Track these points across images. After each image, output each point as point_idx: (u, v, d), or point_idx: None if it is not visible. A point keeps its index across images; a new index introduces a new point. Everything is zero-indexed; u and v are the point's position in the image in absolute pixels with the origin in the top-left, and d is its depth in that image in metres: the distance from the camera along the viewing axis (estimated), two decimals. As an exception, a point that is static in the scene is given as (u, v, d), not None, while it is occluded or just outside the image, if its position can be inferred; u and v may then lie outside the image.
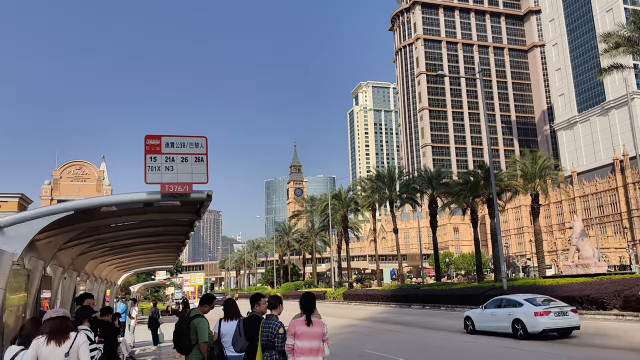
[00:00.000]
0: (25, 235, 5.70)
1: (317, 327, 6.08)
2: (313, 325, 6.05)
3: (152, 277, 63.84)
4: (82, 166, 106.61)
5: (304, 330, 6.00)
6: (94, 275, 13.06)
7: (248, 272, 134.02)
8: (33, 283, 7.09)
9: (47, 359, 4.76)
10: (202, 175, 6.34)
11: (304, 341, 5.96)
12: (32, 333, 5.46)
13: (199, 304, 7.75)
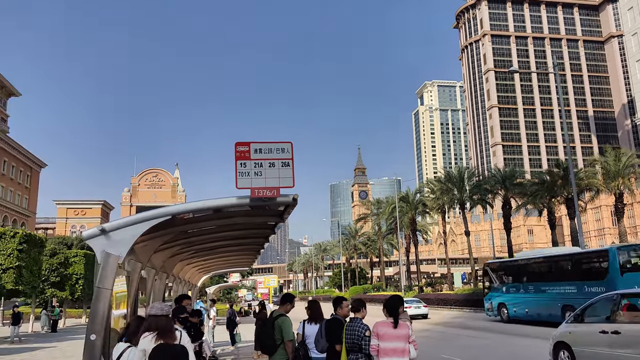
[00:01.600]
0: (128, 239, 6.07)
1: (402, 328, 6.16)
2: (399, 327, 6.15)
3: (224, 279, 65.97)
4: (158, 173, 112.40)
5: (388, 331, 6.12)
6: (179, 277, 13.70)
7: (315, 274, 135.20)
8: (132, 284, 7.55)
9: None
10: (289, 179, 6.50)
11: (387, 342, 6.07)
12: (136, 330, 5.79)
13: (281, 304, 7.91)
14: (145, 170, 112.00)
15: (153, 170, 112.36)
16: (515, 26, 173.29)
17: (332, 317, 7.09)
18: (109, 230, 6.04)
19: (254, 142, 6.54)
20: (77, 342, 25.25)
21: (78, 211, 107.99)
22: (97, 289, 5.72)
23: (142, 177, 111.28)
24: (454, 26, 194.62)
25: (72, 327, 39.12)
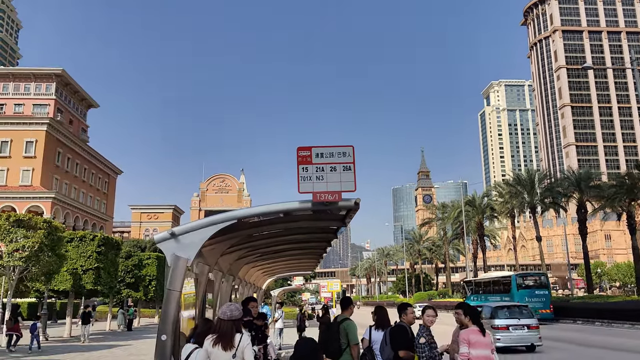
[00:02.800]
0: (196, 242, 6.26)
1: (488, 336, 6.21)
2: (486, 335, 6.18)
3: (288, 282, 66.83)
4: (224, 179, 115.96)
5: (479, 339, 6.12)
6: (245, 280, 14.01)
7: (378, 280, 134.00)
8: (200, 286, 7.79)
9: (216, 358, 5.14)
10: (350, 183, 6.46)
11: (478, 350, 6.06)
12: (203, 332, 5.96)
13: (342, 308, 7.90)
14: (213, 175, 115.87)
15: (220, 176, 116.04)
16: (588, 21, 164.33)
17: (397, 324, 6.98)
18: (179, 234, 6.26)
19: (316, 146, 6.56)
20: (150, 341, 26.45)
21: (151, 215, 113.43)
22: (168, 290, 5.94)
23: (210, 183, 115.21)
24: (522, 23, 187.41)
25: (145, 326, 41.06)
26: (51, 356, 19.50)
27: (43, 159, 69.29)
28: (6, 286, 26.80)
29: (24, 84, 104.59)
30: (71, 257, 28.65)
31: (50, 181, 71.05)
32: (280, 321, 20.46)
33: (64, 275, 28.19)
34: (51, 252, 23.98)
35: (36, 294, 33.75)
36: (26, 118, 72.39)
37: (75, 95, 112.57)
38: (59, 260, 25.23)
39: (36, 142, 69.41)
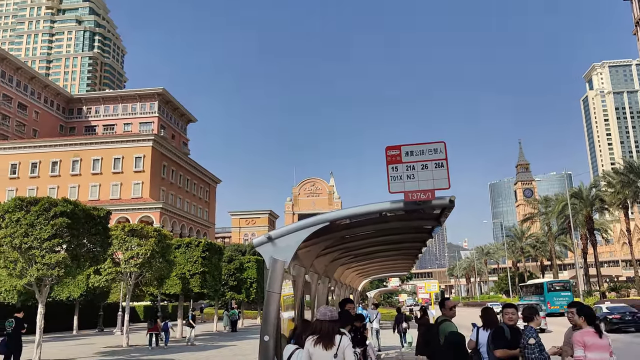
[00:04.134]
0: (292, 245, 6.43)
1: (605, 338, 5.84)
2: (603, 337, 5.82)
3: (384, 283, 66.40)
4: (315, 182, 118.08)
5: (595, 341, 5.76)
6: (340, 281, 14.14)
7: (479, 279, 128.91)
8: (298, 288, 7.98)
9: (317, 358, 5.23)
10: (444, 180, 6.28)
11: (595, 352, 5.72)
12: (303, 332, 6.09)
13: (441, 308, 7.74)
14: (304, 180, 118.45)
15: (311, 180, 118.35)
16: None
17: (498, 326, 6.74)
18: (275, 237, 6.46)
19: (405, 144, 6.46)
20: (253, 341, 27.54)
21: (249, 220, 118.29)
22: (268, 292, 6.15)
23: (301, 187, 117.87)
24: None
25: (249, 327, 42.83)
26: (171, 355, 20.98)
27: (150, 172, 74.92)
28: (124, 291, 29.34)
29: (130, 105, 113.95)
30: (179, 262, 30.68)
31: (157, 193, 76.63)
32: (376, 322, 20.39)
33: (173, 279, 30.26)
34: (162, 258, 25.83)
35: (150, 298, 36.54)
36: (134, 136, 78.73)
37: (176, 111, 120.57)
38: (169, 266, 27.09)
39: (144, 157, 75.20)
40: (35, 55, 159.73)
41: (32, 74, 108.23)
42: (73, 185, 74.49)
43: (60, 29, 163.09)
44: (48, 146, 77.19)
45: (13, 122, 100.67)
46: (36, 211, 18.24)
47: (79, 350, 24.00)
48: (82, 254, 19.72)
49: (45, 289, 19.34)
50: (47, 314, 20.31)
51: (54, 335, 35.30)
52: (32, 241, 17.91)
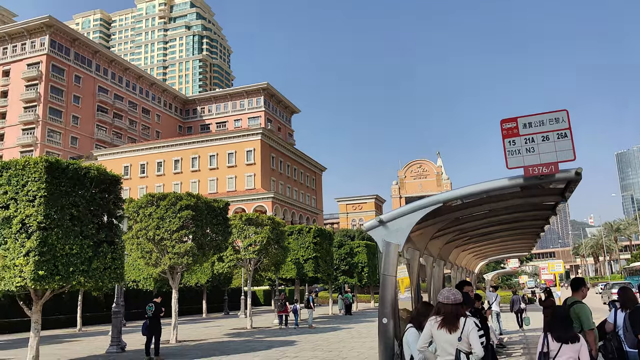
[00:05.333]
0: (404, 228, 6.35)
1: None
2: None
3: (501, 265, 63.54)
4: (421, 164, 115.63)
5: None
6: (456, 264, 13.76)
7: (608, 258, 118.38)
8: (413, 271, 7.90)
9: (441, 340, 5.13)
10: (568, 152, 5.80)
11: None
12: (422, 314, 6.01)
13: (573, 290, 7.18)
14: (410, 162, 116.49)
15: (417, 162, 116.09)
16: None
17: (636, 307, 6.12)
18: (386, 220, 6.43)
19: (522, 116, 6.06)
20: (368, 324, 27.86)
21: (355, 206, 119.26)
22: (383, 275, 6.15)
23: (407, 170, 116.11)
24: None
25: (363, 311, 43.39)
26: (292, 337, 21.97)
27: (261, 164, 78.46)
28: (245, 276, 31.19)
29: (239, 101, 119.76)
30: (293, 248, 31.89)
31: (268, 183, 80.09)
32: (495, 305, 19.58)
33: (289, 264, 31.55)
34: (277, 244, 27.02)
35: (269, 282, 38.44)
36: (244, 131, 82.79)
37: (280, 104, 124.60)
38: (284, 252, 28.27)
39: (254, 150, 78.89)
40: (152, 63, 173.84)
41: (152, 81, 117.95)
42: (194, 181, 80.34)
43: (173, 36, 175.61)
44: (170, 146, 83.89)
45: (139, 126, 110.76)
46: (165, 205, 19.94)
47: (209, 331, 25.99)
48: (206, 243, 21.24)
49: (177, 276, 21.16)
50: (179, 298, 22.22)
51: (186, 318, 38.57)
52: (163, 233, 19.64)
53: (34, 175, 13.74)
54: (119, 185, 16.48)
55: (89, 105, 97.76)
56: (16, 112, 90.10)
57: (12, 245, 13.35)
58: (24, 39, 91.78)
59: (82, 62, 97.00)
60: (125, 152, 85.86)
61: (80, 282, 14.40)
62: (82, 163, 15.77)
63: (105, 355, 17.15)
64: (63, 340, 23.37)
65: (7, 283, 13.15)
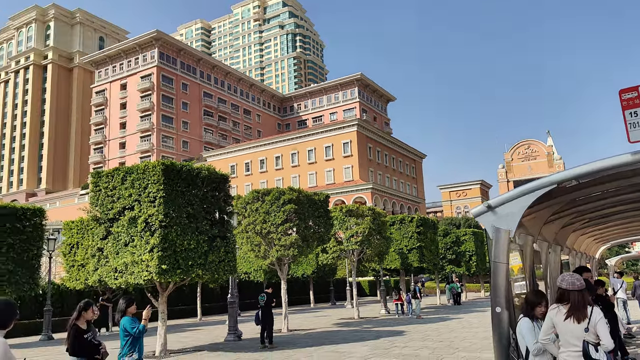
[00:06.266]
0: (515, 212, 6.02)
1: None
2: None
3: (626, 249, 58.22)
4: (530, 145, 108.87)
5: None
6: (574, 249, 12.81)
7: None
8: (526, 258, 7.47)
9: (565, 331, 4.80)
10: (703, 120, 5.15)
11: None
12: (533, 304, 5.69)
13: None
14: (517, 143, 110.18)
15: (524, 143, 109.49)
16: None
17: None
18: (495, 205, 6.14)
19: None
20: (479, 314, 26.91)
21: (459, 193, 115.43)
22: (494, 263, 5.90)
23: (514, 152, 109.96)
24: None
25: (473, 301, 42.00)
26: (400, 327, 21.94)
27: (358, 156, 78.72)
28: (349, 267, 31.57)
29: (333, 95, 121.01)
30: (395, 238, 31.66)
31: (367, 174, 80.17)
32: (621, 292, 17.96)
33: (392, 255, 31.39)
34: (379, 235, 27.00)
35: (373, 273, 38.56)
36: (340, 123, 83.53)
37: (375, 93, 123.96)
38: (386, 242, 28.17)
39: (350, 142, 79.33)
40: (250, 65, 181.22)
41: (251, 82, 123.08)
42: (294, 175, 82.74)
43: (268, 37, 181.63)
44: (270, 144, 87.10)
45: (242, 126, 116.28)
46: (269, 200, 20.78)
47: (318, 321, 26.70)
48: (309, 235, 21.81)
49: (284, 267, 21.98)
50: (287, 289, 23.07)
51: (295, 308, 39.95)
52: (269, 226, 20.49)
53: (153, 178, 14.99)
54: (227, 184, 17.46)
55: (196, 110, 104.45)
56: (134, 121, 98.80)
57: (139, 242, 14.70)
58: (136, 53, 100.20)
59: (187, 70, 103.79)
60: (230, 152, 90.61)
61: (199, 274, 15.49)
62: (194, 165, 16.91)
63: (225, 343, 18.30)
64: (186, 329, 25.32)
65: (137, 277, 14.51)
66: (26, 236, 20.84)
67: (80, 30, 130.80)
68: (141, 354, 7.37)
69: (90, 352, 7.14)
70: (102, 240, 15.51)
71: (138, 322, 7.33)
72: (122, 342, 7.35)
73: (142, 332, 7.27)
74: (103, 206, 15.61)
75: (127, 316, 7.35)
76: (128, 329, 7.23)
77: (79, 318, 7.21)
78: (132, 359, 7.27)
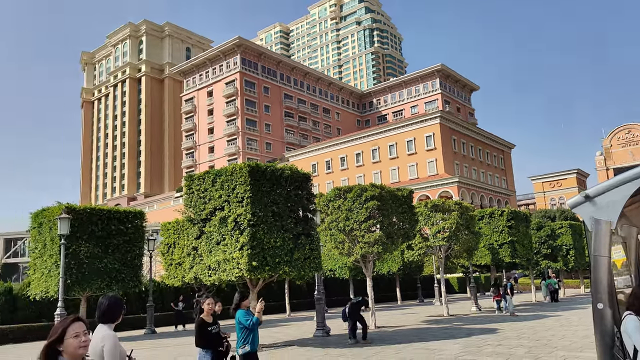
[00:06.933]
0: (617, 202, 5.58)
1: None
2: None
3: None
4: (630, 129, 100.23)
5: None
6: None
7: None
8: (630, 250, 6.90)
9: None
10: None
11: None
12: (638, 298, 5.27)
13: None
14: (616, 128, 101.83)
15: (625, 127, 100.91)
16: None
17: None
18: (593, 195, 5.73)
19: None
20: (579, 311, 25.23)
21: (553, 183, 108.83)
22: (594, 257, 5.51)
23: (613, 137, 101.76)
24: None
25: (572, 297, 39.46)
26: (494, 324, 21.15)
27: (442, 149, 76.72)
28: (437, 264, 30.88)
29: (414, 87, 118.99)
30: (485, 233, 30.49)
31: (452, 167, 77.90)
32: None
33: (482, 250, 30.27)
34: (467, 230, 26.14)
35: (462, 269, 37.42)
36: (421, 116, 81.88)
37: (457, 84, 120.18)
38: (475, 238, 27.21)
39: (433, 135, 77.48)
40: (328, 64, 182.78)
41: (330, 81, 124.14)
42: (375, 172, 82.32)
43: (345, 34, 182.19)
44: (350, 141, 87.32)
45: (321, 125, 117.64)
46: (351, 197, 20.85)
47: (406, 318, 26.40)
48: (394, 231, 21.60)
49: (369, 265, 21.95)
50: (373, 286, 23.01)
51: (382, 305, 39.78)
52: (352, 224, 20.56)
53: (240, 180, 15.61)
54: (309, 182, 17.77)
55: (277, 112, 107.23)
56: (221, 126, 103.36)
57: (229, 241, 15.37)
58: (220, 61, 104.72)
59: (268, 73, 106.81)
60: (311, 152, 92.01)
61: (286, 271, 15.90)
62: (277, 165, 17.39)
63: (313, 339, 18.64)
64: (276, 325, 26.10)
65: (229, 274, 15.19)
66: (129, 237, 22.52)
67: (169, 43, 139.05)
68: (255, 345, 7.70)
69: (215, 344, 7.60)
70: (196, 240, 16.41)
71: (252, 314, 7.67)
72: (237, 333, 7.74)
73: (255, 324, 7.59)
74: (196, 207, 16.51)
75: (242, 309, 7.71)
76: (242, 321, 7.60)
77: (202, 312, 7.72)
78: (245, 351, 7.63)
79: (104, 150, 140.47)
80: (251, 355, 7.73)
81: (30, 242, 23.48)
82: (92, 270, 20.67)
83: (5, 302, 24.39)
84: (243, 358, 7.71)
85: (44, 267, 21.18)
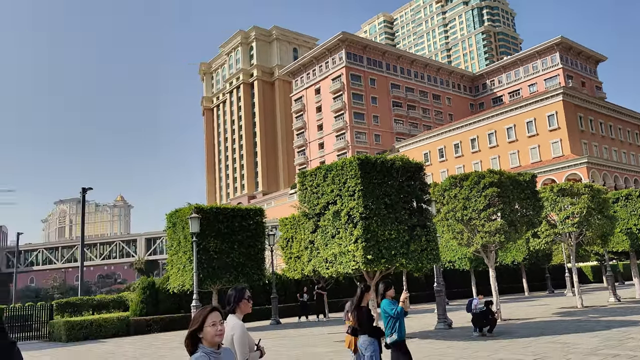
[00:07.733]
0: None
1: None
2: None
3: None
4: None
5: None
6: None
7: None
8: None
9: None
10: None
11: None
12: None
13: None
14: None
15: None
16: None
17: None
18: None
19: None
20: None
21: None
22: None
23: None
24: None
25: None
26: (633, 316, 19.16)
27: (567, 128, 70.72)
28: (567, 252, 28.57)
29: (531, 64, 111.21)
30: (621, 216, 27.57)
31: (579, 147, 71.52)
32: None
33: (619, 236, 27.42)
34: (600, 214, 23.85)
35: (596, 257, 34.27)
36: (541, 95, 76.13)
37: (580, 56, 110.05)
38: (610, 222, 24.73)
39: (556, 114, 71.69)
40: (436, 49, 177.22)
41: (438, 66, 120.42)
42: (493, 157, 78.23)
43: (451, 16, 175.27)
44: (464, 126, 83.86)
45: (432, 112, 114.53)
46: (468, 185, 20.03)
47: (534, 310, 24.82)
48: (516, 219, 20.38)
49: (491, 255, 20.95)
50: (496, 277, 21.94)
51: (507, 297, 37.79)
52: (470, 213, 19.76)
53: (350, 173, 15.75)
54: (422, 172, 17.38)
55: (384, 103, 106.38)
56: (329, 122, 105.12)
57: (344, 234, 15.59)
58: (326, 57, 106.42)
59: (373, 65, 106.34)
60: (422, 140, 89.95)
61: (402, 263, 15.75)
62: (387, 156, 17.24)
63: (435, 331, 18.27)
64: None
65: (345, 266, 15.42)
66: (251, 233, 23.84)
67: (277, 46, 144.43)
68: (402, 334, 7.78)
69: (381, 332, 7.86)
70: (312, 234, 16.88)
71: (397, 304, 7.76)
72: (384, 322, 7.89)
73: (400, 314, 7.67)
74: (310, 202, 16.98)
75: (387, 299, 7.84)
76: (387, 311, 7.74)
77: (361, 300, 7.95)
78: (392, 340, 7.75)
79: (224, 153, 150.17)
80: (399, 343, 7.78)
81: (167, 241, 25.87)
82: (221, 265, 22.23)
83: (149, 296, 27.06)
84: (392, 346, 7.78)
85: (179, 262, 23.22)
